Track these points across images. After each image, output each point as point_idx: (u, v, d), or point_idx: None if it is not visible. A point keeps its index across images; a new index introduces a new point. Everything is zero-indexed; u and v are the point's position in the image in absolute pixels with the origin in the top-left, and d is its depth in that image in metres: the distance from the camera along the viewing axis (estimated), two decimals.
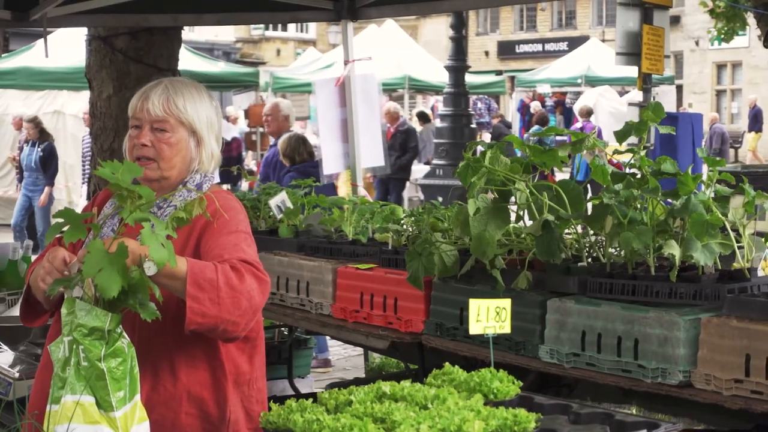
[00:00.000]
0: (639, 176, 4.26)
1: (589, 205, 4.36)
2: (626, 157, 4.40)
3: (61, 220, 3.18)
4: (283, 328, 6.99)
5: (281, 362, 6.93)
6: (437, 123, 22.77)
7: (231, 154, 19.26)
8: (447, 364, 3.58)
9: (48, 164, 16.58)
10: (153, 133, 3.78)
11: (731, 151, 35.42)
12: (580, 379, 4.20)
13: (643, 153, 4.33)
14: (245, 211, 3.94)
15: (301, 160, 9.49)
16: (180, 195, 3.77)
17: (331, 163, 8.37)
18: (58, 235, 3.41)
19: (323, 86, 8.41)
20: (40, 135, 16.63)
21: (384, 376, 6.11)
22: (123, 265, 3.05)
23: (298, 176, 8.28)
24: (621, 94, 33.02)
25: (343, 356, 10.46)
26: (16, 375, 5.20)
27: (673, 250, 3.93)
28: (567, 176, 5.37)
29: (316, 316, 5.49)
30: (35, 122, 16.62)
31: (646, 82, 12.68)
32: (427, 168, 21.67)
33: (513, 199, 4.47)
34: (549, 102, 38.01)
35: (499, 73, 44.73)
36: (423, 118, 25.54)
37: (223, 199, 3.83)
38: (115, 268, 3.02)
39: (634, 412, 4.99)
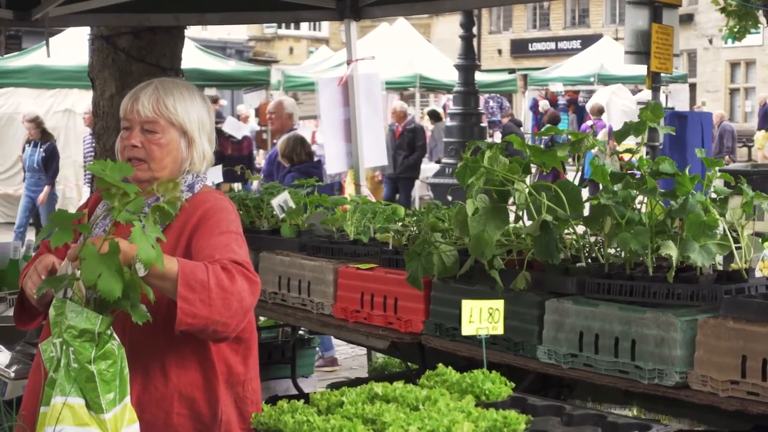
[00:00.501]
0: (638, 176, 4.25)
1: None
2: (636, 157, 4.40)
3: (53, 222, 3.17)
4: (286, 328, 6.99)
5: (285, 362, 6.93)
6: (447, 122, 22.76)
7: (242, 152, 19.18)
8: (440, 365, 3.58)
9: (50, 164, 16.59)
10: (143, 134, 3.78)
11: (744, 150, 35.29)
12: (579, 380, 4.19)
13: (643, 153, 4.32)
14: (237, 211, 3.94)
15: (299, 160, 9.52)
16: None
17: (334, 162, 8.37)
18: (46, 239, 3.41)
19: (326, 85, 8.41)
20: (42, 135, 16.65)
21: (385, 377, 6.11)
22: (118, 263, 3.05)
23: (299, 176, 8.29)
24: (634, 92, 32.98)
25: (350, 355, 10.46)
26: (12, 375, 5.23)
27: (671, 250, 3.91)
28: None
29: (317, 316, 5.49)
30: (37, 122, 16.64)
31: (655, 80, 12.67)
32: (438, 167, 21.66)
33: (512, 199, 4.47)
34: (562, 100, 37.97)
35: (512, 71, 44.69)
36: (434, 116, 25.52)
37: (215, 199, 3.83)
38: (113, 269, 3.01)
39: (635, 412, 5.00)
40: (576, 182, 4.51)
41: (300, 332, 6.95)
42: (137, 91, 3.84)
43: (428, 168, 21.73)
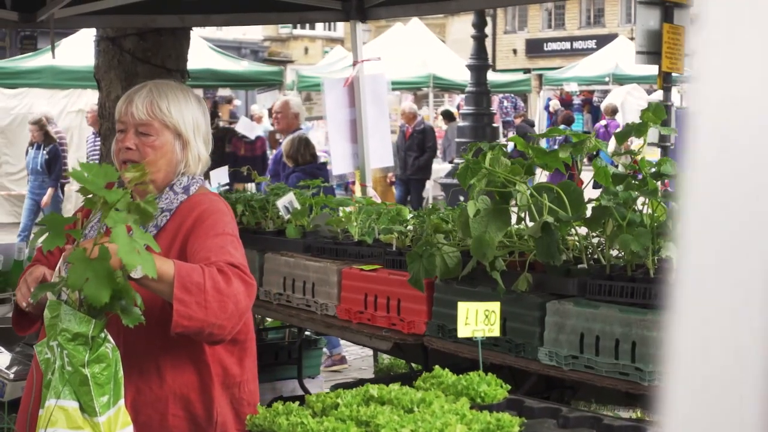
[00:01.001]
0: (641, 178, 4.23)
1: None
2: (653, 157, 4.38)
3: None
4: (293, 329, 6.99)
5: (291, 362, 6.93)
6: (459, 122, 22.75)
7: (255, 153, 19.18)
8: (437, 366, 3.58)
9: (53, 166, 16.61)
10: (137, 137, 3.79)
11: None
12: (580, 382, 4.18)
13: (642, 155, 4.31)
14: (233, 212, 3.93)
15: (303, 161, 9.54)
16: (166, 197, 3.78)
17: (340, 163, 8.37)
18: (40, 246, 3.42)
19: (332, 86, 8.40)
20: (45, 137, 16.68)
21: (390, 378, 6.11)
22: (108, 269, 3.02)
23: (303, 177, 8.30)
24: (649, 92, 32.82)
25: (360, 356, 10.44)
26: (12, 376, 5.24)
27: (672, 252, 3.90)
28: None
29: (322, 317, 5.49)
30: (39, 124, 16.68)
31: (666, 80, 12.65)
32: (451, 167, 21.64)
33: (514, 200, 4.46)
34: (576, 100, 37.90)
35: (527, 71, 44.62)
36: (448, 116, 25.50)
37: (210, 201, 3.83)
38: (101, 275, 3.00)
39: (638, 414, 4.98)
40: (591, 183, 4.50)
41: (306, 333, 6.95)
42: (131, 93, 3.85)
43: (442, 168, 21.72)
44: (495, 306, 3.73)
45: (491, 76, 22.53)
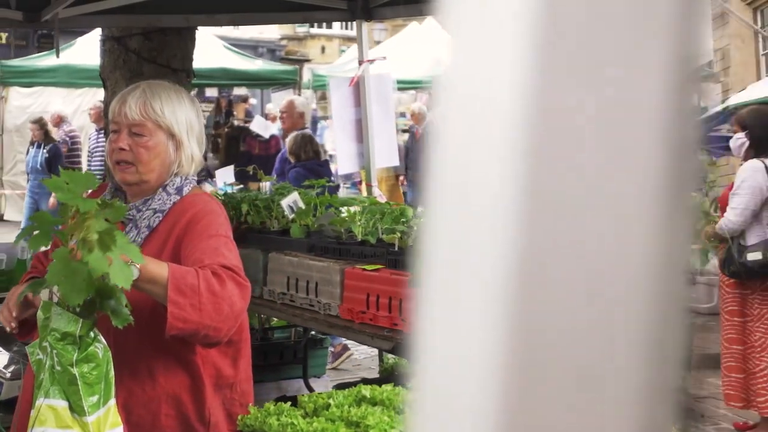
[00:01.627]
0: None
1: None
2: None
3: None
4: (298, 328, 6.99)
5: (297, 362, 6.92)
6: None
7: (269, 152, 19.17)
8: None
9: (54, 166, 16.63)
10: (131, 137, 3.78)
11: None
12: None
13: None
14: (226, 213, 3.93)
15: (306, 158, 9.57)
16: (159, 198, 3.78)
17: (345, 162, 8.34)
18: (39, 252, 3.42)
19: (338, 86, 8.38)
20: (45, 137, 16.70)
21: (393, 378, 6.10)
22: (89, 272, 2.99)
23: (303, 173, 8.29)
24: None
25: (369, 355, 10.43)
26: (8, 375, 5.25)
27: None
28: None
29: (324, 317, 5.48)
30: (40, 123, 16.71)
31: None
32: None
33: None
34: None
35: None
36: None
37: (203, 202, 3.82)
38: (80, 276, 2.98)
39: None
40: None
41: (312, 332, 6.95)
42: (125, 94, 3.86)
43: None
44: None
45: None
